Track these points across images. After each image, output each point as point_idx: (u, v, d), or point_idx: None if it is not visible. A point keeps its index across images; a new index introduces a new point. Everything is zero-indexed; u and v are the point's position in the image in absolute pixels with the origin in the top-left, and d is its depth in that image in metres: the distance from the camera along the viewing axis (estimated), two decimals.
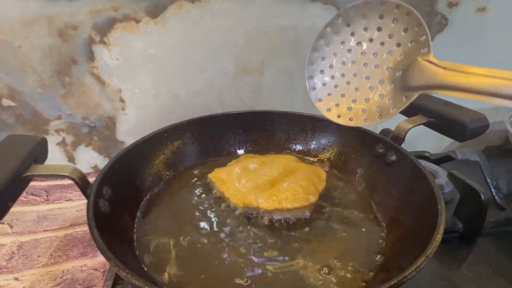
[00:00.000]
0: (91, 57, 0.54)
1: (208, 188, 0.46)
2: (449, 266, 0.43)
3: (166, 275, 0.34)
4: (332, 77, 0.41)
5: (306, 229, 0.39)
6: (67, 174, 0.34)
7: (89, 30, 0.52)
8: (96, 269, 0.41)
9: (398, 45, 0.36)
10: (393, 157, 0.43)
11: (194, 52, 0.57)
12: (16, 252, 0.44)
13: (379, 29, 0.37)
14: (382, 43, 0.37)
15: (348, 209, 0.43)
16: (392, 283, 0.26)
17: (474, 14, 0.62)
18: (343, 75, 0.40)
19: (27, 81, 0.53)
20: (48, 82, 0.54)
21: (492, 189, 0.53)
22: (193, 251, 0.37)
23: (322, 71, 0.42)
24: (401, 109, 0.36)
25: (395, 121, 0.44)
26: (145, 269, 0.34)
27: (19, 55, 0.52)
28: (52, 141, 0.58)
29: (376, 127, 0.52)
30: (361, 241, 0.38)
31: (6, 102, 0.54)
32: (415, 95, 0.34)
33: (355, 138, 0.48)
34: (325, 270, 0.34)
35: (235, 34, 0.57)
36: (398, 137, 0.43)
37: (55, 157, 0.60)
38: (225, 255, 0.36)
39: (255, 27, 0.57)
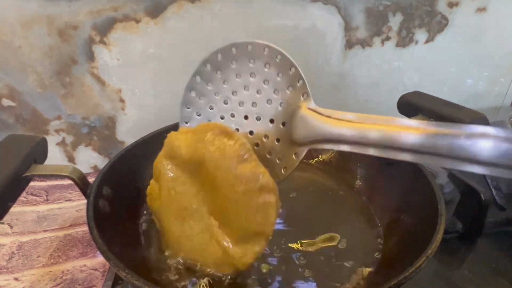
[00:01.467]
0: (91, 57, 0.54)
1: None
2: (449, 266, 0.43)
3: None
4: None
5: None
6: (67, 174, 0.34)
7: (89, 30, 0.52)
8: (96, 269, 0.41)
9: (276, 92, 0.31)
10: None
11: (194, 52, 0.56)
12: (16, 252, 0.44)
13: (252, 75, 0.31)
14: (259, 91, 0.31)
15: (347, 210, 0.43)
16: (392, 283, 0.26)
17: (474, 14, 0.62)
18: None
19: (27, 81, 0.53)
20: (48, 82, 0.54)
21: (492, 189, 0.52)
22: None
23: (200, 117, 0.35)
24: (292, 169, 0.29)
25: None
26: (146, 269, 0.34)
27: (19, 55, 0.51)
28: (52, 141, 0.58)
29: None
30: (361, 241, 0.38)
31: (6, 102, 0.54)
32: (304, 151, 0.29)
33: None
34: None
35: (235, 34, 0.57)
36: None
37: (55, 157, 0.60)
38: None
39: (255, 27, 0.57)
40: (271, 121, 0.31)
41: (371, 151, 0.25)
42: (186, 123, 0.35)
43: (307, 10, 0.57)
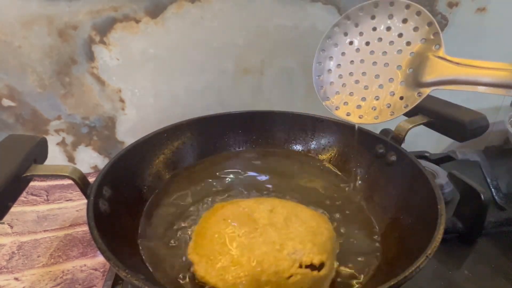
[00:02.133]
0: (91, 57, 0.54)
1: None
2: (449, 266, 0.43)
3: None
4: (340, 76, 0.41)
5: None
6: (67, 174, 0.34)
7: (89, 30, 0.52)
8: (96, 269, 0.41)
9: (408, 43, 0.36)
10: (393, 157, 0.43)
11: (194, 52, 0.57)
12: (16, 252, 0.44)
13: (388, 28, 0.37)
14: (392, 42, 0.37)
15: (347, 210, 0.43)
16: (392, 283, 0.26)
17: (474, 14, 0.62)
18: (351, 73, 0.40)
19: (27, 81, 0.53)
20: (48, 82, 0.54)
21: (492, 189, 0.53)
22: None
23: (329, 70, 0.41)
24: (413, 105, 0.35)
25: (395, 121, 0.44)
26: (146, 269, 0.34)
27: (19, 55, 0.52)
28: (52, 141, 0.58)
29: (376, 127, 0.52)
30: (361, 241, 0.38)
31: (6, 102, 0.54)
32: (428, 91, 0.34)
33: (355, 138, 0.48)
34: None
35: (235, 34, 0.57)
36: (398, 137, 0.43)
37: (55, 157, 0.60)
38: None
39: (255, 27, 0.57)
40: (399, 67, 0.36)
41: (488, 90, 0.31)
42: (319, 77, 0.42)
43: (307, 10, 0.57)
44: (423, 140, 0.71)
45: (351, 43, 0.39)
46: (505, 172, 0.63)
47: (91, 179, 0.36)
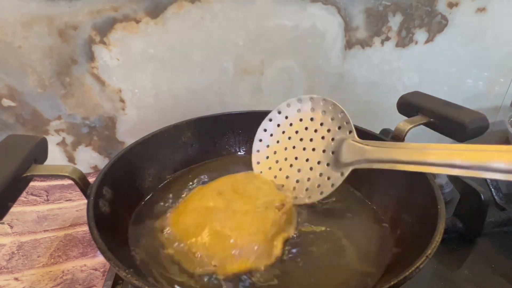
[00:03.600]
0: (91, 57, 0.54)
1: None
2: (449, 266, 0.43)
3: None
4: (277, 161, 0.45)
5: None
6: (67, 174, 0.34)
7: (89, 30, 0.52)
8: (96, 269, 0.41)
9: (329, 130, 0.41)
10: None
11: (194, 52, 0.57)
12: (16, 252, 0.44)
13: (311, 119, 0.43)
14: (316, 130, 0.43)
15: (348, 209, 0.43)
16: (392, 283, 0.26)
17: (474, 14, 0.62)
18: (285, 159, 0.44)
19: (27, 81, 0.53)
20: (48, 82, 0.54)
21: (492, 189, 0.53)
22: None
23: (267, 157, 0.46)
24: (338, 184, 0.39)
25: (395, 121, 0.44)
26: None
27: (19, 55, 0.52)
28: (52, 141, 0.58)
29: (376, 127, 0.52)
30: (361, 241, 0.38)
31: (6, 102, 0.54)
32: (349, 170, 0.38)
33: None
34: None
35: (235, 34, 0.57)
36: (398, 137, 0.43)
37: (55, 157, 0.60)
38: None
39: (255, 27, 0.57)
40: (324, 151, 0.41)
41: (399, 167, 0.33)
42: (258, 151, 0.47)
43: (307, 10, 0.57)
44: (423, 140, 0.71)
45: (283, 132, 0.45)
46: None
47: (91, 179, 0.36)
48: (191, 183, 0.47)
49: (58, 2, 0.49)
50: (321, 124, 0.42)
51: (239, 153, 0.54)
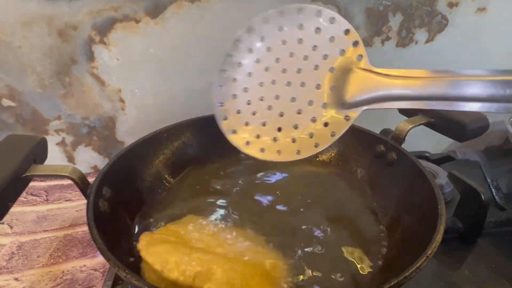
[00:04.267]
0: (91, 57, 0.54)
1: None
2: (449, 266, 0.43)
3: None
4: (249, 102, 0.33)
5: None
6: (66, 174, 0.34)
7: (89, 30, 0.52)
8: (95, 270, 0.41)
9: (325, 57, 0.30)
10: (394, 157, 0.43)
11: (194, 52, 0.57)
12: (16, 252, 0.44)
13: (299, 41, 0.30)
14: (306, 57, 0.30)
15: (348, 209, 0.43)
16: (392, 283, 0.26)
17: (474, 14, 0.62)
18: (262, 98, 0.32)
19: (27, 81, 0.53)
20: (48, 82, 0.54)
21: (492, 189, 0.53)
22: None
23: (234, 95, 0.33)
24: (342, 132, 0.29)
25: (395, 121, 0.44)
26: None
27: (19, 55, 0.51)
28: (52, 141, 0.58)
29: (376, 127, 0.52)
30: (361, 241, 0.38)
31: (6, 102, 0.54)
32: (357, 113, 0.29)
33: (356, 138, 0.48)
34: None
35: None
36: (398, 137, 0.43)
37: (55, 157, 0.60)
38: None
39: None
40: (318, 86, 0.30)
41: (435, 104, 0.26)
42: (221, 104, 0.34)
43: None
44: (423, 140, 0.71)
45: (257, 61, 0.32)
46: (505, 172, 0.63)
47: (91, 179, 0.36)
48: (191, 183, 0.47)
49: (58, 2, 0.49)
50: (314, 47, 0.30)
51: (240, 154, 0.54)
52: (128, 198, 0.41)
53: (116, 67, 0.55)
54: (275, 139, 0.32)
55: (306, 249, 0.36)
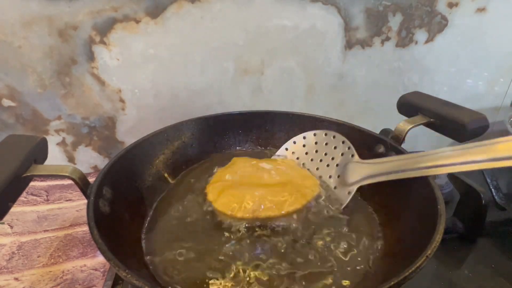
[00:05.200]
0: (91, 57, 0.54)
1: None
2: (449, 266, 0.43)
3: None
4: None
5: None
6: (67, 174, 0.34)
7: (89, 30, 0.52)
8: (96, 269, 0.41)
9: (333, 158, 0.46)
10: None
11: (194, 52, 0.57)
12: (16, 252, 0.44)
13: (316, 151, 0.48)
14: (321, 160, 0.47)
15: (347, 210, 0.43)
16: (392, 283, 0.26)
17: (474, 14, 0.62)
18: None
19: (27, 81, 0.53)
20: (48, 82, 0.54)
21: (492, 189, 0.53)
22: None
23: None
24: (346, 202, 0.42)
25: (395, 122, 0.44)
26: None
27: (19, 55, 0.52)
28: (52, 141, 0.58)
29: (376, 127, 0.52)
30: (361, 241, 0.38)
31: (6, 102, 0.54)
32: (355, 188, 0.41)
33: (355, 138, 0.48)
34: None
35: (235, 34, 0.57)
36: (398, 137, 0.43)
37: (55, 157, 0.60)
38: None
39: (255, 27, 0.57)
40: (330, 176, 0.45)
41: (399, 175, 0.37)
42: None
43: (307, 10, 0.57)
44: (423, 140, 0.71)
45: (297, 158, 0.50)
46: (505, 172, 0.63)
47: (91, 179, 0.36)
48: (191, 183, 0.47)
49: (58, 2, 0.49)
50: (325, 154, 0.47)
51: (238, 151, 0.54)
52: (129, 198, 0.41)
53: (116, 67, 0.55)
54: None
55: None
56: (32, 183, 0.37)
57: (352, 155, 0.43)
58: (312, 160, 0.48)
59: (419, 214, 0.36)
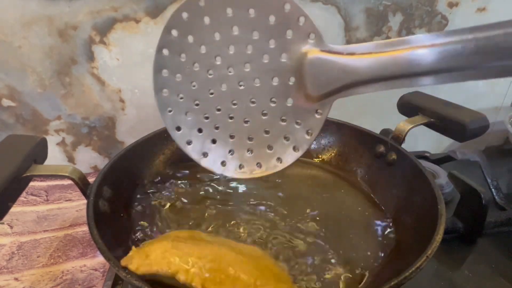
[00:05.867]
0: (91, 57, 0.54)
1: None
2: (449, 266, 0.43)
3: None
4: (206, 117, 0.28)
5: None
6: (67, 174, 0.34)
7: (89, 30, 0.52)
8: (96, 269, 0.41)
9: (272, 41, 0.24)
10: (394, 157, 0.43)
11: None
12: (16, 252, 0.44)
13: (233, 28, 0.25)
14: (248, 46, 0.25)
15: (348, 209, 0.43)
16: (392, 283, 0.26)
17: (474, 14, 0.62)
18: (218, 109, 0.28)
19: (27, 81, 0.53)
20: (48, 82, 0.54)
21: (492, 189, 0.53)
22: None
23: (186, 112, 0.29)
24: (318, 130, 0.26)
25: (395, 121, 0.44)
26: None
27: (19, 55, 0.52)
28: (52, 141, 0.58)
29: (376, 127, 0.52)
30: (361, 241, 0.38)
31: (6, 102, 0.54)
32: (328, 104, 0.24)
33: (355, 138, 0.48)
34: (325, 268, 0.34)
35: None
36: (398, 137, 0.43)
37: (55, 157, 0.60)
38: None
39: None
40: (274, 81, 0.25)
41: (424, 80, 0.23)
42: (170, 111, 0.29)
43: (307, 10, 0.56)
44: (423, 140, 0.71)
45: (194, 64, 0.27)
46: (505, 172, 0.63)
47: (91, 179, 0.36)
48: (191, 183, 0.47)
49: (58, 2, 0.49)
50: (253, 32, 0.25)
51: None
52: (128, 198, 0.41)
53: (116, 67, 0.55)
54: (250, 151, 0.28)
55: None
56: (32, 183, 0.37)
57: (312, 34, 0.24)
58: (230, 47, 0.26)
59: (419, 214, 0.36)
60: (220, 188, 0.46)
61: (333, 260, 0.35)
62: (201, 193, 0.45)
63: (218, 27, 0.25)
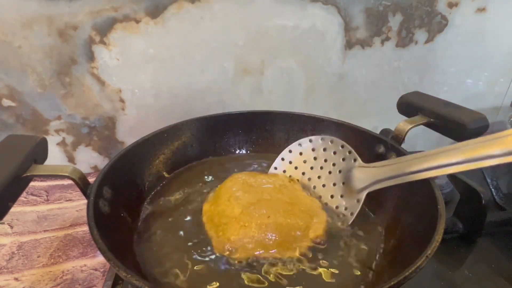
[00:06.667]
0: (91, 57, 0.54)
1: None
2: (449, 266, 0.43)
3: None
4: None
5: None
6: (67, 174, 0.34)
7: (89, 30, 0.52)
8: (96, 269, 0.41)
9: (334, 164, 0.43)
10: (393, 157, 0.43)
11: (194, 52, 0.57)
12: (16, 252, 0.44)
13: (315, 158, 0.45)
14: (321, 167, 0.44)
15: None
16: (392, 283, 0.26)
17: (474, 14, 0.62)
18: (309, 179, 0.45)
19: (27, 81, 0.53)
20: (48, 82, 0.54)
21: (492, 189, 0.53)
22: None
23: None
24: (357, 211, 0.39)
25: (395, 121, 0.44)
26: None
27: (19, 55, 0.52)
28: (52, 141, 0.58)
29: (376, 127, 0.52)
30: (361, 241, 0.38)
31: (6, 102, 0.54)
32: (364, 195, 0.39)
33: (355, 138, 0.48)
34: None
35: (235, 34, 0.57)
36: (398, 137, 0.43)
37: (55, 157, 0.60)
38: None
39: (255, 27, 0.57)
40: (334, 184, 0.43)
41: (408, 178, 0.35)
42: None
43: (307, 10, 0.57)
44: (423, 140, 0.71)
45: (296, 168, 0.46)
46: (505, 172, 0.63)
47: (91, 179, 0.36)
48: (191, 183, 0.47)
49: (58, 2, 0.49)
50: (325, 160, 0.44)
51: (239, 152, 0.54)
52: (129, 198, 0.41)
53: (116, 67, 0.55)
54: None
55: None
56: (32, 183, 0.37)
57: (355, 160, 0.41)
58: (312, 168, 0.45)
59: (419, 214, 0.36)
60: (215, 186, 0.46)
61: None
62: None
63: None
